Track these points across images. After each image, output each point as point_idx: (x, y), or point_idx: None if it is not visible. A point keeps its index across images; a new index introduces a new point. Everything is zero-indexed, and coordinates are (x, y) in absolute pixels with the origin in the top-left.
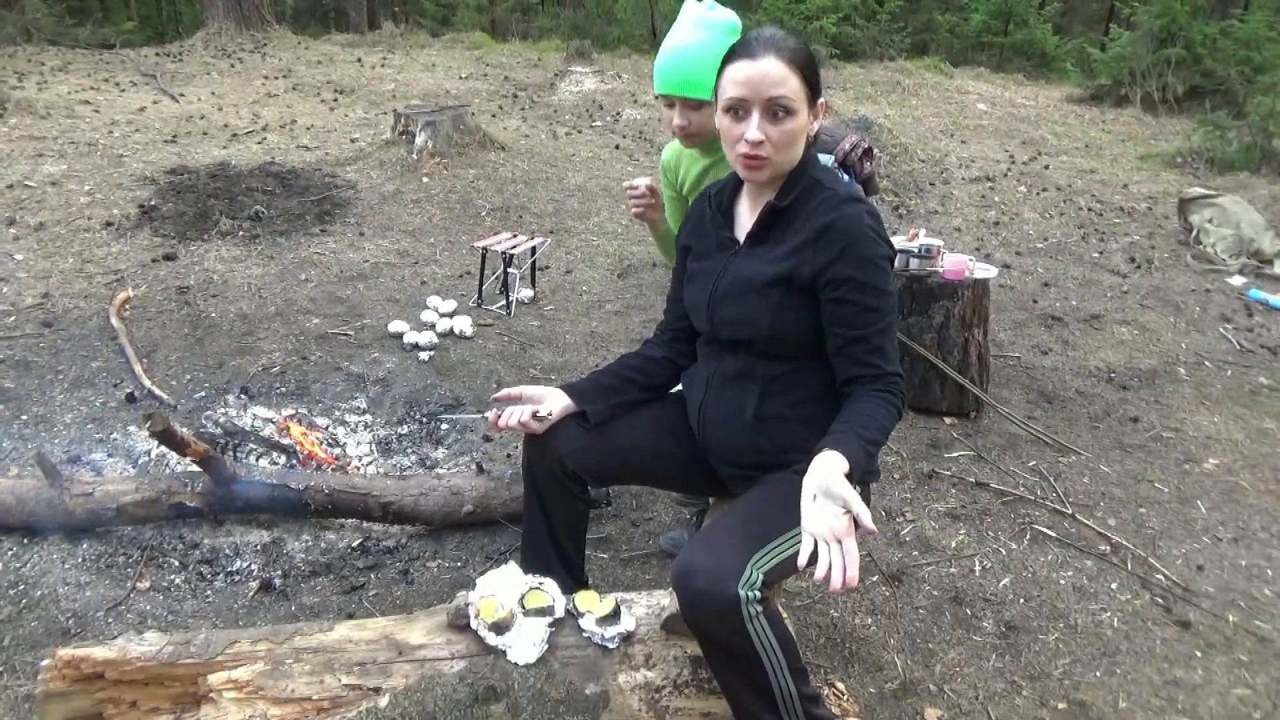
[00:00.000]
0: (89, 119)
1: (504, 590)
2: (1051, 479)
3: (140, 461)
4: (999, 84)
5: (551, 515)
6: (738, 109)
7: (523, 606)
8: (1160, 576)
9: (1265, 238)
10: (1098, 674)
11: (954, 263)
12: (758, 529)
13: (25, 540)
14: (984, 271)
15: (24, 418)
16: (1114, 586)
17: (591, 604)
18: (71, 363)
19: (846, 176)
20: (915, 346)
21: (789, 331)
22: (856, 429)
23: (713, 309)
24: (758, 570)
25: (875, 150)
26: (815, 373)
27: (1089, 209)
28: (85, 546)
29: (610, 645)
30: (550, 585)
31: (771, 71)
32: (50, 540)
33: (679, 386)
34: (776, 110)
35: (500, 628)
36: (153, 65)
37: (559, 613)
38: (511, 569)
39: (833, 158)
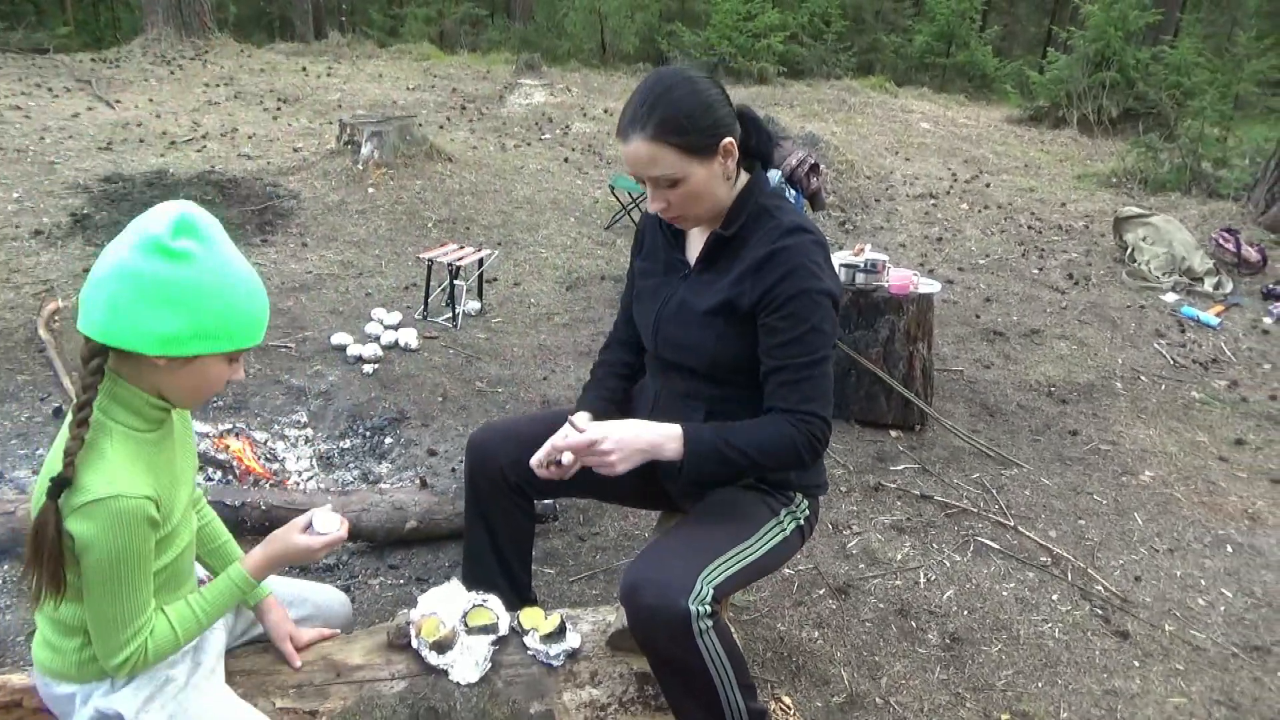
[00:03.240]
0: (19, 124)
1: (446, 608)
2: (994, 491)
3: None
4: (941, 104)
5: (495, 529)
6: (637, 178)
7: (465, 624)
8: (1099, 587)
9: (1195, 256)
10: (1039, 685)
11: (899, 278)
12: (707, 543)
13: None
14: (928, 286)
15: None
16: (1055, 598)
17: (536, 621)
18: None
19: (793, 191)
20: (861, 360)
21: (730, 359)
22: (722, 433)
23: (658, 331)
24: (707, 584)
25: (822, 166)
26: (760, 396)
27: (1029, 226)
28: (5, 568)
29: (555, 663)
30: (494, 602)
31: (639, 153)
32: None
33: None
34: (662, 182)
35: (442, 646)
36: (88, 71)
37: (503, 630)
38: (454, 586)
39: (780, 172)
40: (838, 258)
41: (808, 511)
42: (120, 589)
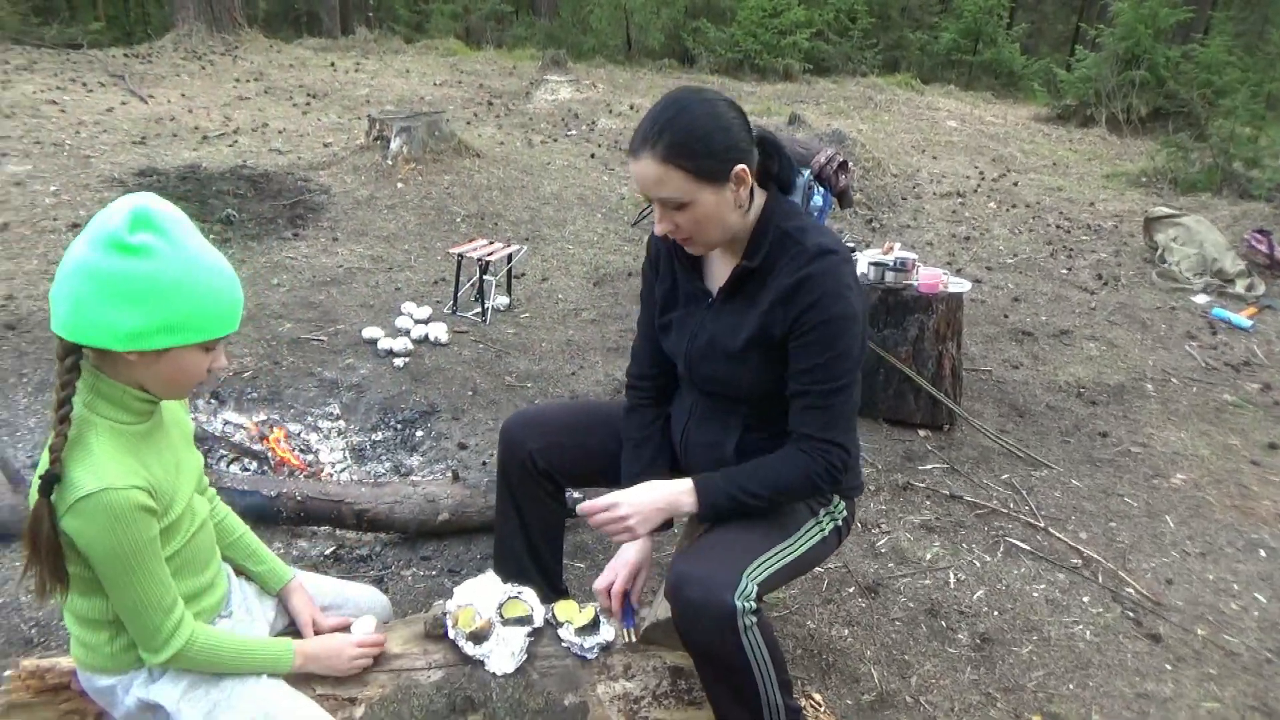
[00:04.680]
0: (55, 119)
1: (482, 599)
2: (1024, 492)
3: None
4: (968, 102)
5: (525, 516)
6: (649, 200)
7: (501, 616)
8: (1131, 590)
9: (1227, 257)
10: (1071, 686)
11: (929, 276)
12: (750, 541)
13: None
14: (958, 286)
15: None
16: (1086, 600)
17: (570, 614)
18: (36, 366)
19: (822, 189)
20: (890, 359)
21: (767, 388)
22: (735, 479)
23: (690, 364)
24: (751, 581)
25: (850, 164)
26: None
27: (1057, 226)
28: None
29: (589, 655)
30: (529, 594)
31: (647, 173)
32: (13, 548)
33: None
34: (669, 205)
35: (478, 637)
36: (121, 66)
37: (538, 622)
38: (490, 578)
39: (808, 171)
40: (866, 255)
41: (845, 512)
42: (138, 579)
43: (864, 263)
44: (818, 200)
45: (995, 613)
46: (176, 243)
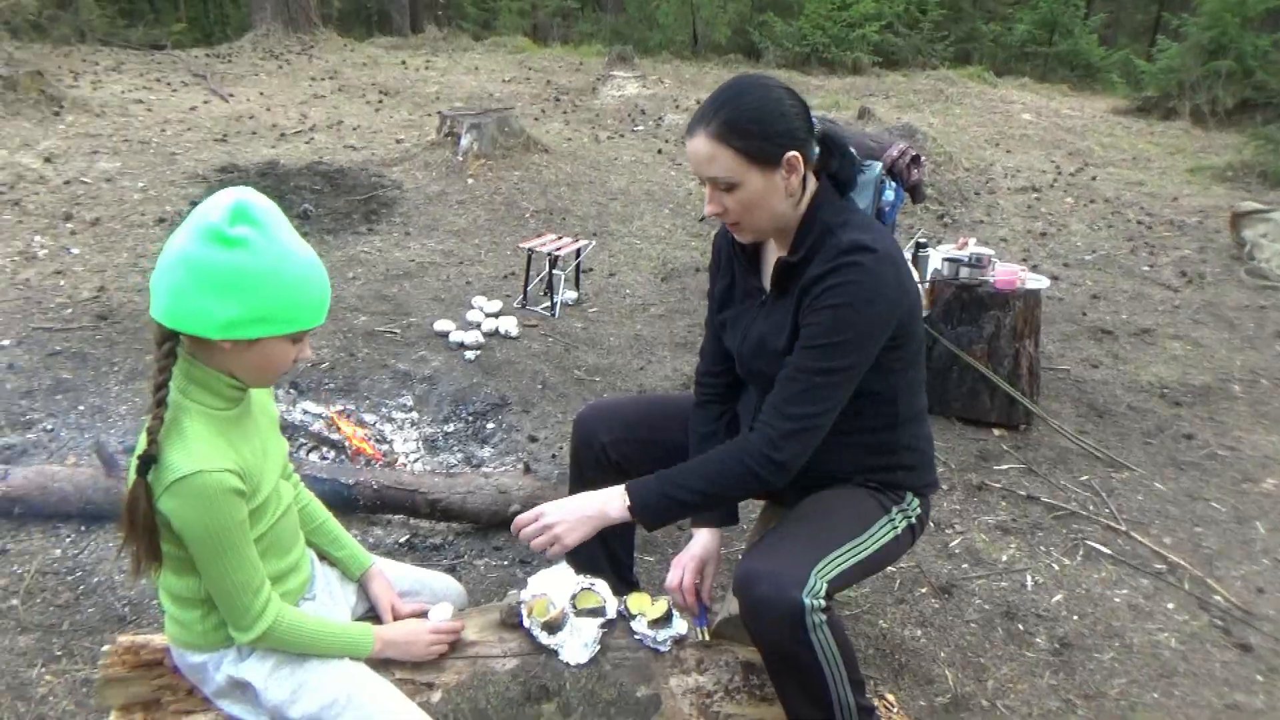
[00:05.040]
0: (142, 118)
1: (555, 590)
2: (1104, 495)
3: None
4: (1044, 94)
5: None
6: (701, 180)
7: (574, 607)
8: (1219, 598)
9: None
10: (1155, 695)
11: (1005, 272)
12: (820, 537)
13: (82, 528)
14: (1036, 282)
15: (81, 408)
16: (1171, 606)
17: (643, 606)
18: (126, 355)
19: (893, 184)
20: (965, 356)
21: None
22: (668, 478)
23: (743, 363)
24: (820, 579)
25: (923, 158)
26: (861, 405)
27: (1138, 221)
28: None
29: (662, 648)
30: (601, 586)
31: (699, 150)
32: (106, 529)
33: None
34: (719, 185)
35: (552, 627)
36: (203, 66)
37: (610, 614)
38: (563, 569)
39: (880, 164)
40: (940, 251)
41: (919, 510)
42: (229, 559)
43: (938, 258)
44: (889, 195)
45: (1075, 617)
46: (272, 237)
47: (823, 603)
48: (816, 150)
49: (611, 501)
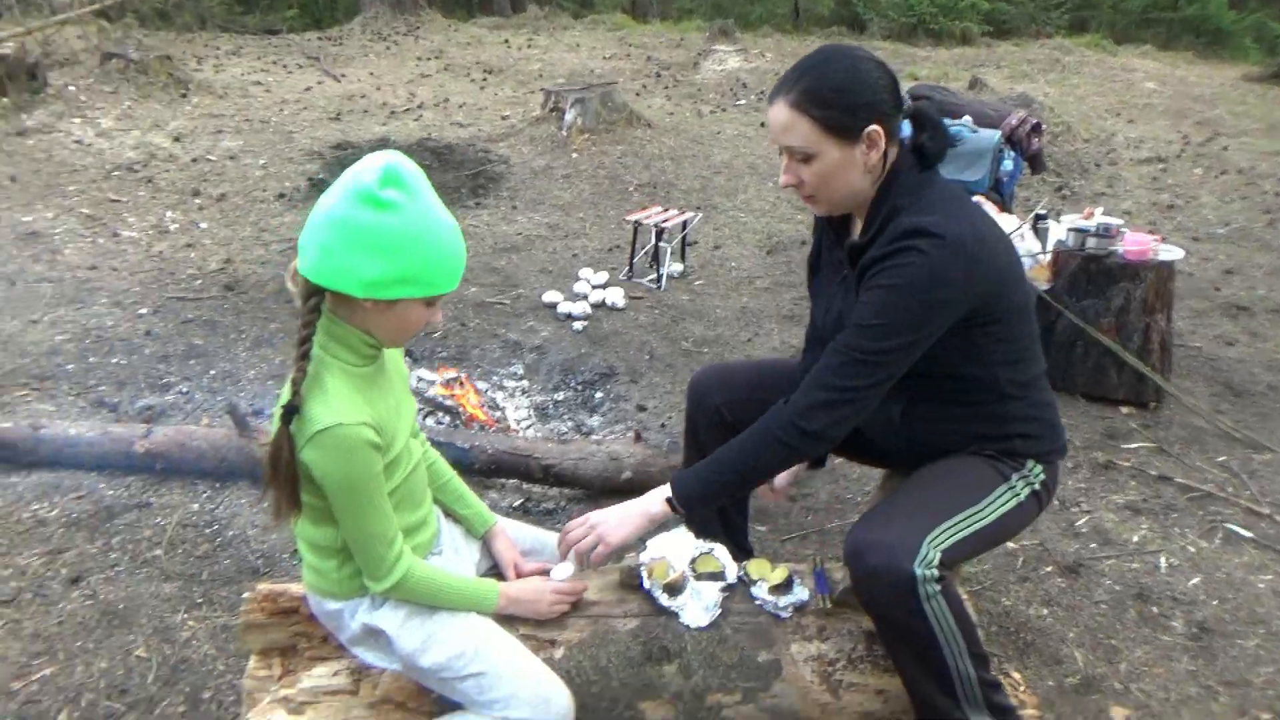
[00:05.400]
0: (261, 98)
1: (674, 553)
2: (1244, 476)
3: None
4: (1167, 62)
5: None
6: (779, 150)
7: (693, 570)
8: None
9: None
10: None
11: (1137, 242)
12: (933, 506)
13: (217, 485)
14: (1169, 253)
15: (212, 372)
16: None
17: (764, 572)
18: (252, 323)
19: (1013, 153)
20: (1091, 331)
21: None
22: (707, 465)
23: (824, 337)
24: (934, 549)
25: (1044, 126)
26: (957, 381)
27: (1275, 194)
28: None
29: (783, 614)
30: (721, 551)
31: (777, 118)
32: (239, 486)
33: None
34: (795, 155)
35: (672, 590)
36: (315, 48)
37: (730, 578)
38: (682, 533)
39: (999, 133)
40: (1065, 221)
41: (1043, 477)
42: (365, 510)
43: (1061, 229)
44: (1008, 165)
45: (1214, 602)
46: (419, 201)
47: (936, 573)
48: (905, 124)
49: (653, 500)
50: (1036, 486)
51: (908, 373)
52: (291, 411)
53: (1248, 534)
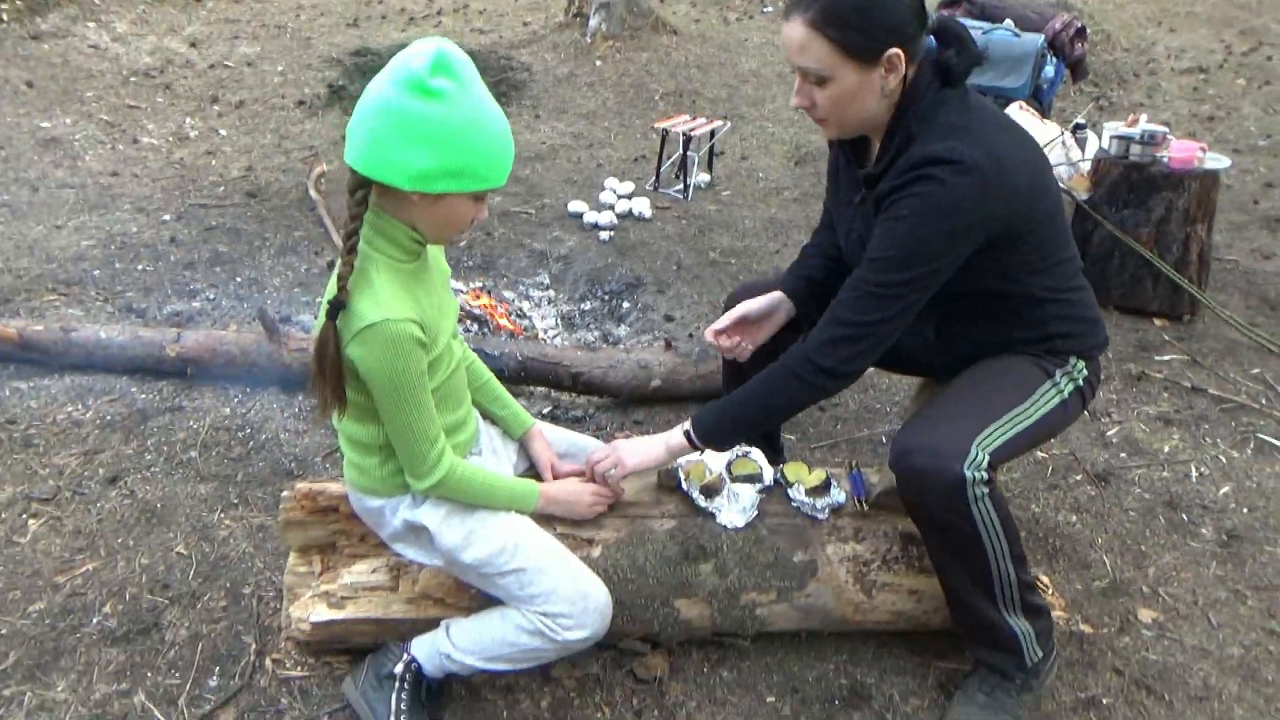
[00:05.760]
0: (277, 3)
1: (712, 456)
2: (1278, 388)
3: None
4: None
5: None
6: (792, 69)
7: (730, 473)
8: None
9: None
10: None
11: (1182, 150)
12: (981, 408)
13: (248, 390)
14: (1215, 161)
15: (238, 280)
16: None
17: (801, 475)
18: (276, 231)
19: (1054, 59)
20: (1129, 241)
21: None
22: (728, 400)
23: (848, 260)
24: (982, 450)
25: (1088, 30)
26: (991, 298)
27: None
28: (300, 398)
29: (820, 516)
30: (756, 454)
31: (792, 36)
32: (269, 391)
33: None
34: (809, 76)
35: (710, 491)
36: None
37: (767, 481)
38: None
39: (1042, 37)
40: (1108, 128)
41: (1086, 372)
42: (409, 407)
43: (1106, 136)
44: (1049, 71)
45: (1244, 510)
46: (470, 91)
47: (985, 475)
48: (931, 43)
49: (674, 432)
50: (1080, 382)
51: (937, 294)
52: (338, 307)
53: (1279, 444)
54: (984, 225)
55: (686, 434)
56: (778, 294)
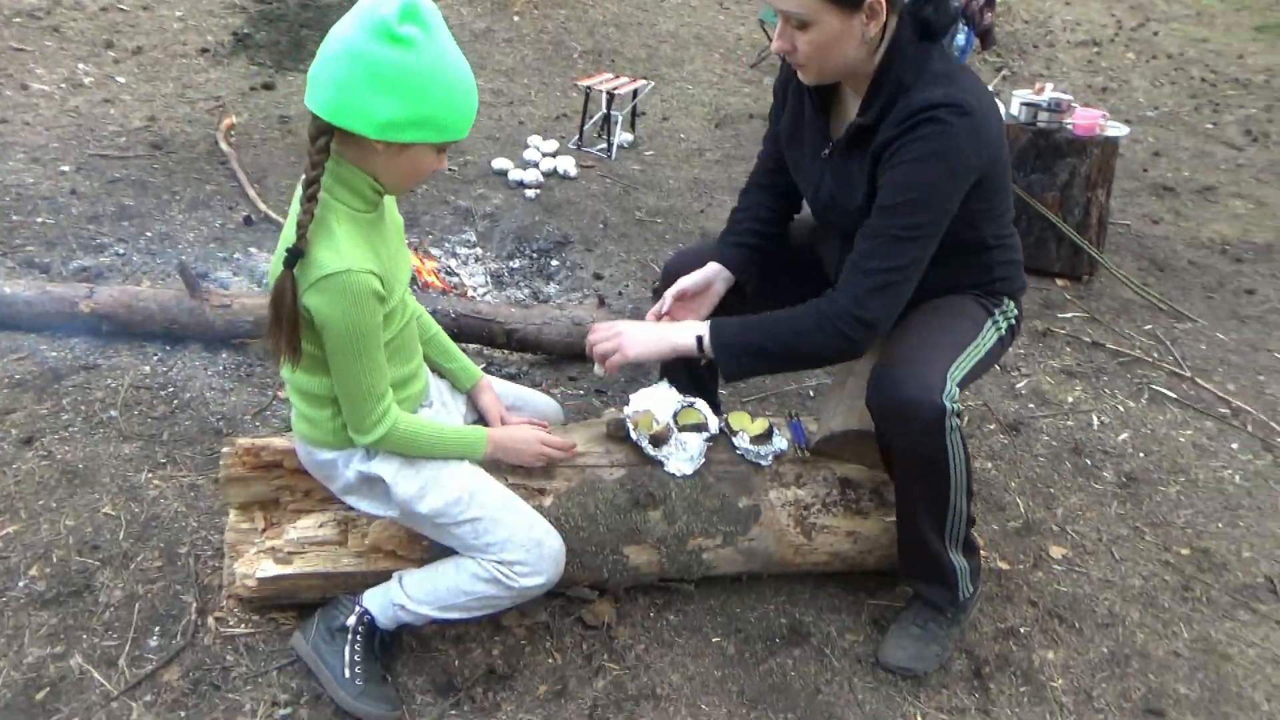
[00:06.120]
0: None
1: (658, 407)
2: (1168, 343)
3: (264, 281)
4: None
5: None
6: (774, 11)
7: (677, 422)
8: None
9: None
10: (1220, 525)
11: (1086, 117)
12: (947, 341)
13: (167, 347)
14: (1116, 129)
15: (148, 234)
16: (1234, 446)
17: (744, 424)
18: (185, 185)
19: (966, 27)
20: (1036, 204)
21: None
22: (753, 324)
23: (819, 214)
24: (953, 382)
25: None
26: (947, 246)
27: (1202, 79)
28: (224, 356)
29: (764, 463)
30: (702, 404)
31: None
32: (190, 348)
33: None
34: (791, 20)
35: (658, 440)
36: None
37: (713, 430)
38: (664, 387)
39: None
40: (1018, 95)
41: (1016, 312)
42: (361, 360)
43: (1016, 103)
44: (960, 40)
45: (1140, 454)
46: (437, 40)
47: (959, 406)
48: None
49: (683, 334)
50: (1012, 321)
51: None
52: (296, 255)
53: (1171, 394)
54: (978, 167)
55: (699, 339)
56: (714, 266)
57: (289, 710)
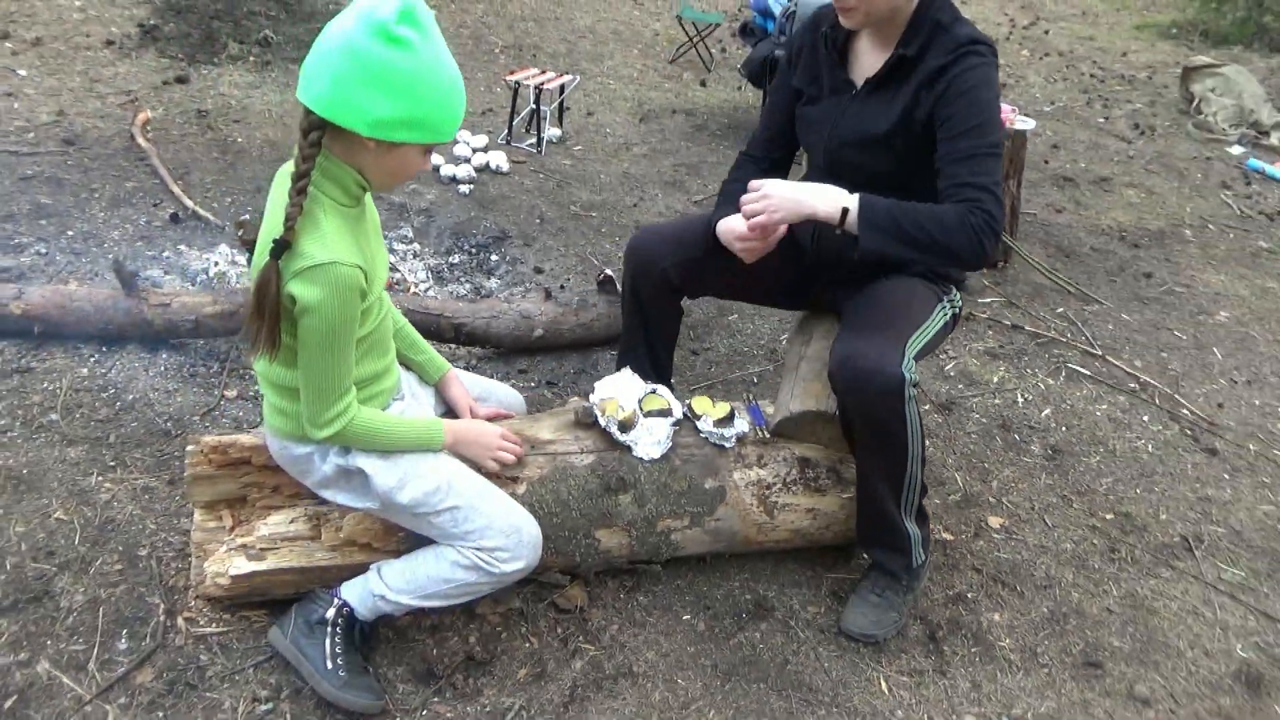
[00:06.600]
0: None
1: (622, 394)
2: (1079, 324)
3: (199, 280)
4: None
5: (651, 325)
6: None
7: (642, 408)
8: (1186, 411)
9: (1264, 109)
10: (1138, 491)
11: None
12: (903, 318)
13: (104, 349)
14: (1024, 123)
15: (69, 233)
16: (1145, 419)
17: (707, 408)
18: (104, 182)
19: None
20: None
21: (912, 176)
22: (901, 208)
23: (830, 155)
24: (910, 355)
25: None
26: (924, 196)
27: (1091, 75)
28: (164, 356)
29: (728, 445)
30: (664, 391)
31: None
32: (128, 349)
33: None
34: None
35: (625, 426)
36: None
37: (678, 414)
38: (627, 375)
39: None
40: None
41: (960, 301)
42: (332, 354)
43: None
44: None
45: (1063, 428)
46: (432, 43)
47: (916, 377)
48: None
49: (829, 202)
50: (958, 309)
51: (890, 188)
52: (283, 246)
53: (1085, 372)
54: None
55: (845, 211)
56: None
57: (270, 706)
